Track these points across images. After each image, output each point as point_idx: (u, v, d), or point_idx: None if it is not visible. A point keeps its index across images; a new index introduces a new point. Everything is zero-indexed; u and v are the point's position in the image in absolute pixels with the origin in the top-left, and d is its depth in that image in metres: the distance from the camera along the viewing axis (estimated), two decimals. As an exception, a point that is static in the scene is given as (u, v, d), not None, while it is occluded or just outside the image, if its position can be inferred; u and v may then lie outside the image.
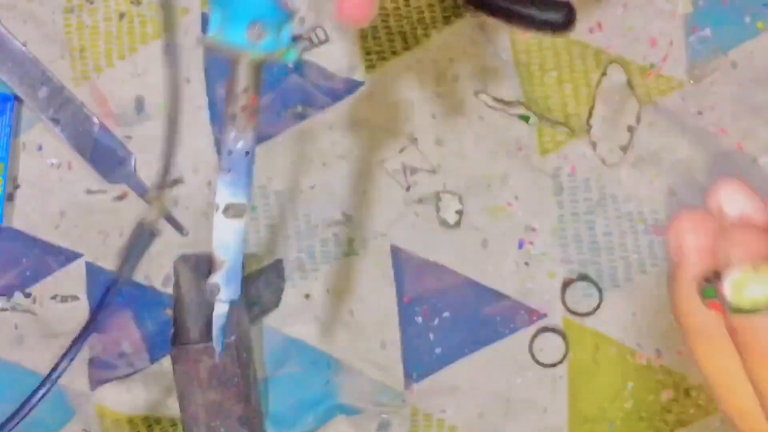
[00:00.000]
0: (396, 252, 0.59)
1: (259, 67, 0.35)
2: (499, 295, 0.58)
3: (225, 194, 0.37)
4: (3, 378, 0.59)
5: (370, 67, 0.58)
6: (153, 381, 0.60)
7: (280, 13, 0.34)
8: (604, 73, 0.58)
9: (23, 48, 0.59)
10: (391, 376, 0.59)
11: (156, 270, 0.59)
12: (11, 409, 0.59)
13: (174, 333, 0.51)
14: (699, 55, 0.57)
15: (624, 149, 0.58)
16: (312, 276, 0.59)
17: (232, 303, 0.39)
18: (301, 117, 0.59)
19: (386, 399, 0.59)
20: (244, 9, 0.33)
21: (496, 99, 0.58)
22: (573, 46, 0.58)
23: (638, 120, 0.58)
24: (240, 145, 0.36)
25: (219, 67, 0.59)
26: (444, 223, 0.59)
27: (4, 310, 0.59)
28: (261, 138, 0.59)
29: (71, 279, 0.59)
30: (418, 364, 0.59)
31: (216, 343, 0.41)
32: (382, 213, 0.59)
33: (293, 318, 0.59)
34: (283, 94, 0.59)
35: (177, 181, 0.59)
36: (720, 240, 0.28)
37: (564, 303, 0.57)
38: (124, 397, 0.59)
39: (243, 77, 0.35)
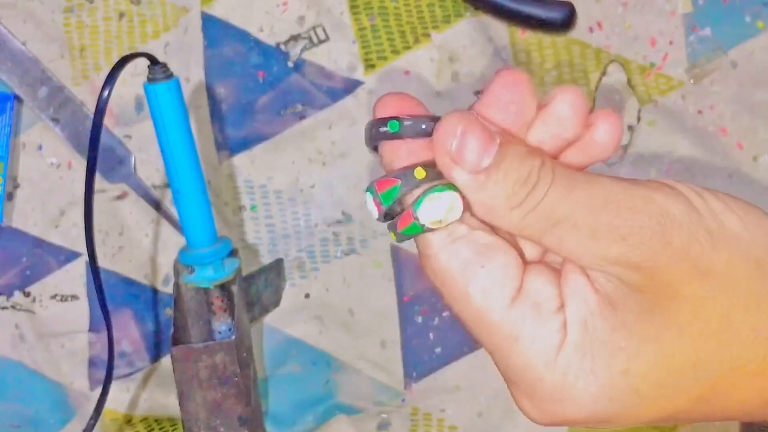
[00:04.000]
0: (396, 251, 0.59)
1: (223, 286, 0.51)
2: (499, 295, 0.58)
3: None
4: (4, 377, 0.59)
5: (370, 66, 0.58)
6: (153, 380, 0.60)
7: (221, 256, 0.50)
8: (604, 73, 0.58)
9: (23, 47, 0.59)
10: (391, 375, 0.59)
11: (156, 270, 0.59)
12: (12, 407, 0.59)
13: (174, 332, 0.51)
14: (699, 55, 0.57)
15: (624, 148, 0.58)
16: (312, 275, 0.59)
17: None
18: (301, 116, 0.59)
19: (386, 398, 0.59)
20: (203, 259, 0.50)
21: (496, 98, 0.58)
22: (573, 46, 0.58)
23: (638, 119, 0.58)
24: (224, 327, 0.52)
25: (219, 66, 0.59)
26: (444, 222, 0.59)
27: (4, 309, 0.59)
28: (261, 138, 0.59)
29: (71, 278, 0.59)
30: (418, 363, 0.59)
31: None
32: (382, 212, 0.59)
33: (293, 317, 0.59)
34: (283, 94, 0.59)
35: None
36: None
37: None
38: (124, 397, 0.59)
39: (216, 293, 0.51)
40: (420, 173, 0.28)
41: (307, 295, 0.59)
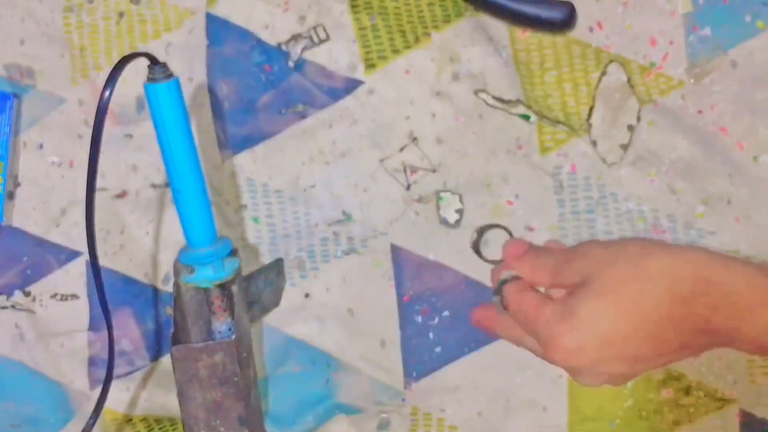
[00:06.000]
0: (396, 251, 0.59)
1: (223, 285, 0.51)
2: (499, 294, 0.58)
3: None
4: (4, 376, 0.59)
5: (371, 66, 0.58)
6: (153, 380, 0.60)
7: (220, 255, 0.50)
8: (604, 72, 0.58)
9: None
10: (390, 375, 0.59)
11: (156, 268, 0.59)
12: (12, 407, 0.59)
13: (174, 332, 0.51)
14: (699, 54, 0.57)
15: (624, 148, 0.58)
16: (312, 275, 0.59)
17: None
18: (302, 116, 0.59)
19: (386, 398, 0.59)
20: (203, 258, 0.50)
21: (496, 98, 0.58)
22: (573, 45, 0.58)
23: (638, 119, 0.58)
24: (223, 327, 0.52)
25: (221, 65, 0.59)
26: (444, 221, 0.59)
27: (4, 308, 0.59)
28: (262, 137, 0.59)
29: (71, 278, 0.59)
30: (418, 363, 0.59)
31: None
32: (382, 212, 0.59)
33: (293, 317, 0.59)
34: (284, 93, 0.59)
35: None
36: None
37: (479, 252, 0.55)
38: (124, 396, 0.59)
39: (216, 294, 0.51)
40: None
41: (307, 295, 0.59)
